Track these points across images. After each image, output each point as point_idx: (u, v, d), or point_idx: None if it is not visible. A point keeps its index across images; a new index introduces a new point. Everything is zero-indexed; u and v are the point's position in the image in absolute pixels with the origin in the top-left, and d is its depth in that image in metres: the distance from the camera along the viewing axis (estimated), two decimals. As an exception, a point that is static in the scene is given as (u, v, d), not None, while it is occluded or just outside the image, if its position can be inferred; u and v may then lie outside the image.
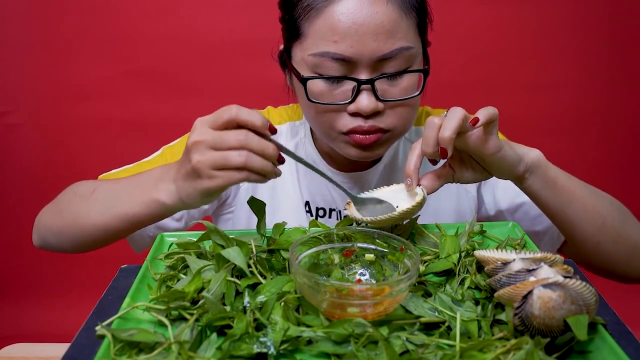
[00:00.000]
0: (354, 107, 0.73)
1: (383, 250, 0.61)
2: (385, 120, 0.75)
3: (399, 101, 0.75)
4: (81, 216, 0.76)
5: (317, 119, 0.78)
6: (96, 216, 0.74)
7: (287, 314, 0.52)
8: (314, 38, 0.73)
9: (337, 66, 0.72)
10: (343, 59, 0.71)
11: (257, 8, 1.44)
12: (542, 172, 0.71)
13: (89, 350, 0.49)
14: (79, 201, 0.78)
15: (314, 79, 0.74)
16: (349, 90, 0.74)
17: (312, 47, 0.73)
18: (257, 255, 0.63)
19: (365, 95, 0.73)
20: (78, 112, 1.56)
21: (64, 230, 0.79)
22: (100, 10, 1.48)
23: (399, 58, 0.73)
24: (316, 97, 0.75)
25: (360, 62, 0.72)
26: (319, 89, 0.75)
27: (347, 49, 0.71)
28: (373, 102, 0.73)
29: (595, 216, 0.75)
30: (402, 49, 0.72)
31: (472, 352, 0.47)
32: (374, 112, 0.74)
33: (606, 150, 1.60)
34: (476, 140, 0.65)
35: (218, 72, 1.52)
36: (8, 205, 1.67)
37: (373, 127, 0.74)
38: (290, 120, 0.95)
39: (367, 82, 0.72)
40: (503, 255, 0.57)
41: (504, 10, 1.48)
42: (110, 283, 0.63)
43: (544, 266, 0.52)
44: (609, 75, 1.54)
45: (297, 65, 0.77)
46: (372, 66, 0.72)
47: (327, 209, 0.92)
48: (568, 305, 0.46)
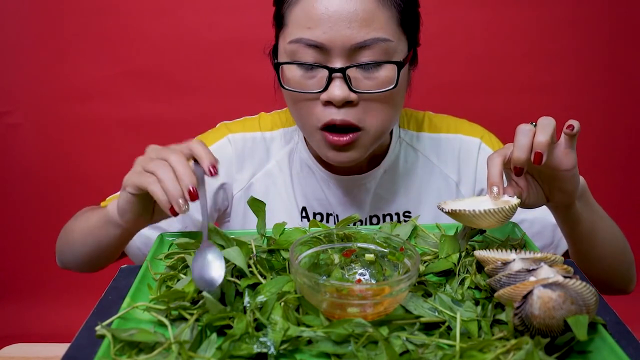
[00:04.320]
0: (326, 96, 0.72)
1: (383, 250, 0.61)
2: (359, 115, 0.74)
3: (373, 94, 0.73)
4: (71, 240, 0.83)
5: (294, 111, 0.78)
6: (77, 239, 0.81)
7: (287, 314, 0.52)
8: (292, 26, 0.73)
9: (312, 53, 0.72)
10: (316, 46, 0.71)
11: (256, 8, 1.43)
12: (587, 196, 0.73)
13: (89, 350, 0.49)
14: (72, 226, 0.85)
15: (287, 64, 0.74)
16: (323, 80, 0.73)
17: (290, 34, 0.74)
18: (257, 255, 0.63)
19: (338, 83, 0.72)
20: (78, 112, 1.56)
21: (69, 254, 0.85)
22: (100, 10, 1.48)
23: (375, 49, 0.72)
24: (290, 85, 0.75)
25: (333, 50, 0.71)
26: (294, 78, 0.75)
27: (320, 36, 0.71)
28: (345, 91, 0.72)
29: (614, 237, 0.79)
30: (378, 39, 0.71)
31: (472, 352, 0.47)
32: (345, 101, 0.72)
33: (605, 150, 1.60)
34: (559, 153, 0.64)
35: (217, 72, 1.52)
36: (8, 205, 1.67)
37: (345, 122, 0.73)
38: (283, 126, 0.94)
39: (339, 70, 0.71)
40: (503, 255, 0.57)
41: (503, 11, 1.48)
42: (110, 283, 0.63)
43: (544, 266, 0.52)
44: (608, 75, 1.54)
45: (279, 55, 0.77)
46: (346, 55, 0.72)
47: (324, 214, 0.92)
48: (568, 305, 0.46)
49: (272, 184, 0.92)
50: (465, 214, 0.61)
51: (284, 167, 0.92)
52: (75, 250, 0.82)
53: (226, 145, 0.92)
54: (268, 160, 0.93)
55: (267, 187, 0.92)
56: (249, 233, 0.72)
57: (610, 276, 0.81)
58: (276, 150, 0.93)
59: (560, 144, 0.64)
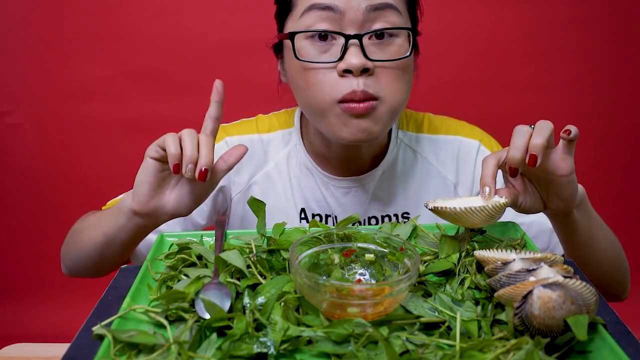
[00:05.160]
0: (344, 64, 0.73)
1: (383, 250, 0.61)
2: (376, 85, 0.74)
3: (388, 62, 0.75)
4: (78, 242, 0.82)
5: (309, 90, 0.77)
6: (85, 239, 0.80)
7: (287, 314, 0.52)
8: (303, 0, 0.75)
9: (326, 20, 0.73)
10: (331, 8, 0.72)
11: (257, 8, 1.43)
12: (585, 205, 0.73)
13: (89, 350, 0.49)
14: (79, 227, 0.84)
15: (302, 32, 0.75)
16: (338, 50, 0.74)
17: (301, 6, 0.75)
18: (257, 255, 0.63)
19: (354, 51, 0.73)
20: (78, 112, 1.56)
21: (76, 258, 0.84)
22: (100, 10, 1.48)
23: (387, 16, 0.74)
24: (303, 57, 0.76)
25: (347, 13, 0.73)
26: (306, 50, 0.75)
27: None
28: (362, 59, 0.73)
29: (611, 246, 0.80)
30: (390, 5, 0.74)
31: (472, 352, 0.47)
32: (363, 68, 0.73)
33: (605, 150, 1.60)
34: (556, 158, 0.64)
35: (218, 72, 1.50)
36: (8, 205, 1.67)
37: (366, 94, 0.73)
38: (281, 128, 0.94)
39: (355, 36, 0.73)
40: (503, 255, 0.57)
41: (503, 11, 1.48)
42: (110, 283, 0.63)
43: (544, 266, 0.52)
44: (608, 75, 1.54)
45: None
46: (360, 23, 0.73)
47: (323, 215, 0.92)
48: (568, 305, 0.46)
49: (270, 185, 0.92)
50: (447, 212, 0.61)
51: (283, 169, 0.92)
52: (83, 252, 0.81)
53: (223, 148, 0.91)
54: (266, 162, 0.93)
55: (265, 189, 0.92)
56: (249, 233, 0.72)
57: (605, 283, 0.81)
58: (274, 152, 0.93)
59: (557, 149, 0.64)
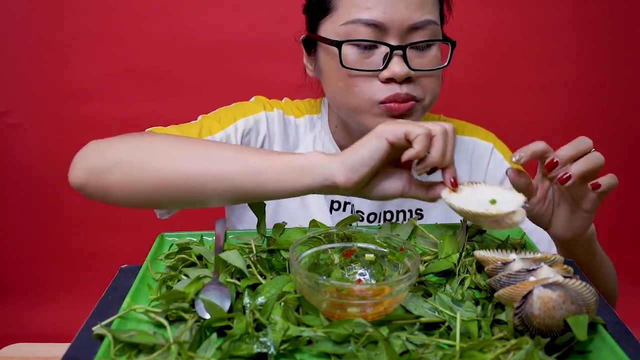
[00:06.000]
0: (388, 73, 0.75)
1: (383, 250, 0.61)
2: (416, 89, 0.78)
3: (428, 71, 0.78)
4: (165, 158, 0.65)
5: (350, 91, 0.78)
6: (187, 165, 0.64)
7: (287, 314, 0.52)
8: (346, 7, 0.76)
9: (368, 33, 0.75)
10: (375, 25, 0.74)
11: (256, 8, 1.44)
12: (590, 243, 0.76)
13: (89, 350, 0.49)
14: (160, 142, 0.69)
15: (349, 41, 0.76)
16: (380, 59, 0.76)
17: (344, 16, 0.76)
18: (257, 255, 0.63)
19: (397, 61, 0.75)
20: (78, 112, 1.56)
21: (130, 168, 0.68)
22: (100, 10, 1.48)
23: (427, 30, 0.76)
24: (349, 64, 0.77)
25: (391, 28, 0.75)
26: (350, 57, 0.77)
27: (379, 15, 0.74)
28: (405, 68, 0.75)
29: (605, 277, 0.83)
30: (430, 21, 0.76)
31: (472, 352, 0.47)
32: (406, 77, 0.75)
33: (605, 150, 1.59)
34: (588, 193, 0.67)
35: (218, 72, 1.52)
36: (8, 205, 1.67)
37: (409, 96, 0.76)
38: (308, 113, 0.96)
39: (399, 47, 0.75)
40: (503, 256, 0.57)
41: (503, 12, 1.48)
42: (110, 283, 0.63)
43: (544, 266, 0.52)
44: (608, 75, 1.54)
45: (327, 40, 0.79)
46: (402, 35, 0.75)
47: (342, 202, 0.93)
48: (568, 305, 0.46)
49: None
50: (455, 208, 0.61)
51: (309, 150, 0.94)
52: (169, 180, 0.64)
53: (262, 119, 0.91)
54: (297, 145, 0.95)
55: None
56: (249, 233, 0.72)
57: None
58: (302, 136, 0.95)
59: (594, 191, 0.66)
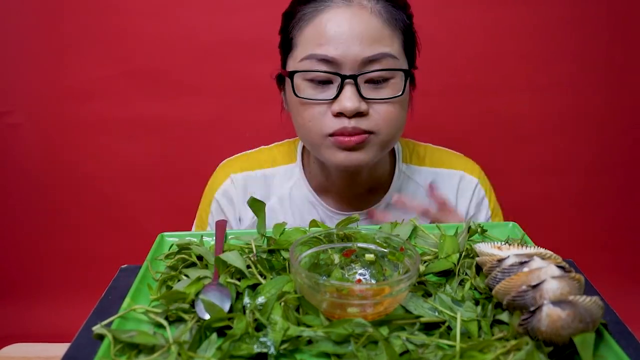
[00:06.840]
0: (338, 107, 0.76)
1: (383, 250, 0.61)
2: (369, 122, 0.77)
3: (382, 100, 0.77)
4: None
5: (305, 127, 0.80)
6: None
7: (287, 314, 0.52)
8: (303, 45, 0.78)
9: (323, 68, 0.76)
10: (328, 60, 0.75)
11: (256, 8, 1.44)
12: None
13: (89, 350, 0.49)
14: None
15: (300, 72, 0.77)
16: (334, 91, 0.77)
17: (301, 53, 0.78)
18: (257, 255, 0.63)
19: (349, 95, 0.75)
20: (78, 112, 1.56)
21: None
22: (99, 10, 1.48)
23: (382, 63, 0.76)
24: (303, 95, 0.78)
25: (344, 64, 0.75)
26: (306, 92, 0.78)
27: (332, 51, 0.75)
28: (356, 101, 0.75)
29: None
30: (386, 54, 0.76)
31: (472, 352, 0.47)
32: (356, 111, 0.75)
33: (604, 151, 1.60)
34: None
35: (217, 72, 1.52)
36: (8, 205, 1.67)
37: (356, 129, 0.76)
38: (284, 163, 0.97)
39: (351, 77, 0.75)
40: (499, 253, 0.58)
41: (503, 12, 1.48)
42: (110, 283, 0.63)
43: (536, 258, 0.52)
44: (608, 75, 1.54)
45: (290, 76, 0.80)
46: (356, 70, 0.76)
47: None
48: (576, 324, 0.46)
49: (274, 219, 0.94)
50: None
51: (285, 203, 0.95)
52: None
53: (229, 185, 0.95)
54: (269, 197, 0.96)
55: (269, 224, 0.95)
56: (249, 233, 0.72)
57: None
58: (277, 186, 0.96)
59: None
